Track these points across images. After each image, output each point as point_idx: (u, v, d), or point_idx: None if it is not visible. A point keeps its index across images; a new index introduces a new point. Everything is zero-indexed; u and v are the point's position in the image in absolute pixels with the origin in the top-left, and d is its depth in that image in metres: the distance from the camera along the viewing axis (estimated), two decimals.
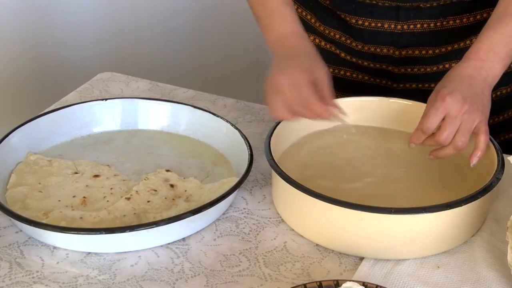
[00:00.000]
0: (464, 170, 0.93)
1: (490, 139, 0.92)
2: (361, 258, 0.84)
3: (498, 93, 1.13)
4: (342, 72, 1.16)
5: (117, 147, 1.04)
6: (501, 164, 0.88)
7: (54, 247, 0.85)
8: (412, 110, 1.00)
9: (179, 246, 0.86)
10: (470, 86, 0.89)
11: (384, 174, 0.95)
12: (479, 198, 0.83)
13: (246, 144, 0.97)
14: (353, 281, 0.75)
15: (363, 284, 0.75)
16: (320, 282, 0.76)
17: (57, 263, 0.83)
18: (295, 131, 1.01)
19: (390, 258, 0.83)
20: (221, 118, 1.03)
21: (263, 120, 1.14)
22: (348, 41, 1.12)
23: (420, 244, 0.83)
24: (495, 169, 0.87)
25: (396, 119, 1.03)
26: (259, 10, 1.01)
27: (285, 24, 0.98)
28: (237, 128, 1.00)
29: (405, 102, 1.02)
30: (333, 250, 0.85)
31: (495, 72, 0.91)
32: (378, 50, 1.10)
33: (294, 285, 0.76)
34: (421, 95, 1.09)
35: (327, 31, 1.14)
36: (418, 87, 1.13)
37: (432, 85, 1.09)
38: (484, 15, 1.06)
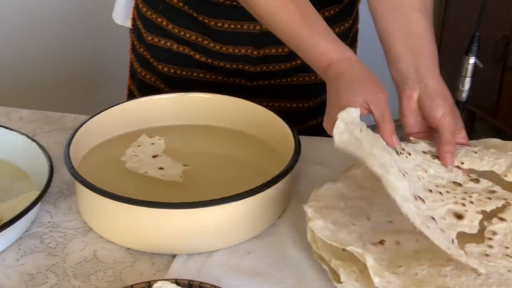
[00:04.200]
0: (265, 156, 0.96)
1: (287, 123, 0.96)
2: (174, 256, 0.84)
3: (307, 78, 1.18)
4: (195, 74, 1.15)
5: None
6: (298, 146, 0.91)
7: None
8: (210, 102, 1.02)
9: None
10: None
11: (188, 169, 0.95)
12: (280, 181, 0.86)
13: (45, 155, 0.92)
14: (164, 280, 0.74)
15: (176, 281, 0.74)
16: (132, 286, 0.74)
17: None
18: (97, 137, 0.98)
19: (202, 251, 0.84)
20: (15, 131, 0.98)
21: (63, 129, 1.10)
22: (205, 42, 1.11)
23: (229, 233, 0.84)
24: (292, 152, 0.90)
25: (199, 114, 1.04)
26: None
27: (333, 47, 0.88)
28: (34, 140, 0.95)
29: (203, 96, 1.04)
30: (145, 252, 0.84)
31: None
32: (237, 50, 1.11)
33: None
34: (272, 91, 1.15)
35: (182, 33, 1.12)
36: (270, 83, 1.16)
37: (283, 80, 1.15)
38: (332, 11, 1.11)
